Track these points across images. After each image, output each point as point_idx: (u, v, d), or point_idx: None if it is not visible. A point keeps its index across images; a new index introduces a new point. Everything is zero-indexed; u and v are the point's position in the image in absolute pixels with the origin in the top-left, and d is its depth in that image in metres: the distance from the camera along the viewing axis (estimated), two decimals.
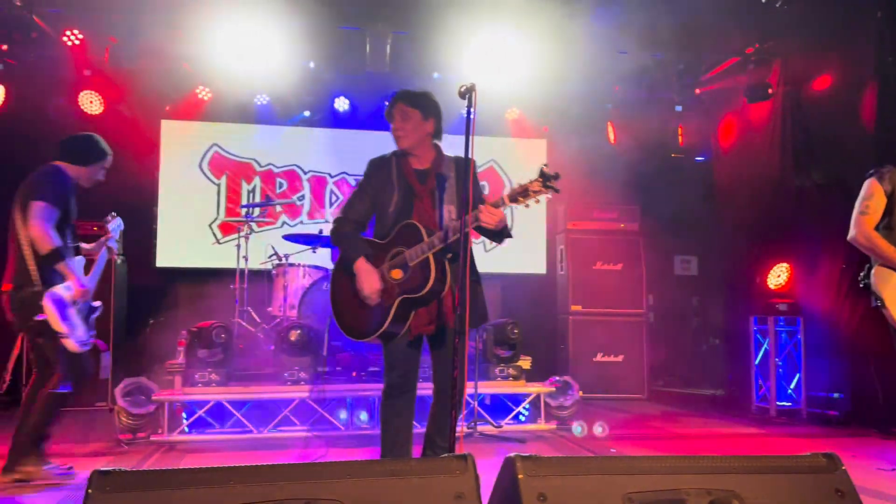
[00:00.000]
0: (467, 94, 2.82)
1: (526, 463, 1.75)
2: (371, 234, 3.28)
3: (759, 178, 6.66)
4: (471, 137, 2.79)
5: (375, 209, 3.26)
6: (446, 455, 1.79)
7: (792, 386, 6.14)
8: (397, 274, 3.06)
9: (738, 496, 1.80)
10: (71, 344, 3.54)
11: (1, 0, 5.85)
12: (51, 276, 3.53)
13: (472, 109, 2.80)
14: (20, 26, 6.09)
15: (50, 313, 3.46)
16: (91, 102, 6.78)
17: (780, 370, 6.15)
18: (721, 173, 7.44)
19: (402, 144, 3.34)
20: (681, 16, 5.95)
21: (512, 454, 1.80)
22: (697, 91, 7.43)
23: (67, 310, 3.56)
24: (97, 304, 3.87)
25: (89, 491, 1.50)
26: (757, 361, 6.28)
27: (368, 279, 3.03)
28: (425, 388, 3.32)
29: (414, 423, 3.27)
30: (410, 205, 3.20)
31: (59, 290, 3.54)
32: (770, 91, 6.61)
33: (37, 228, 3.46)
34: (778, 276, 6.26)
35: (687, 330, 7.51)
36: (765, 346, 6.24)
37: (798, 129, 6.45)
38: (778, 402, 6.12)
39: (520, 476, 1.72)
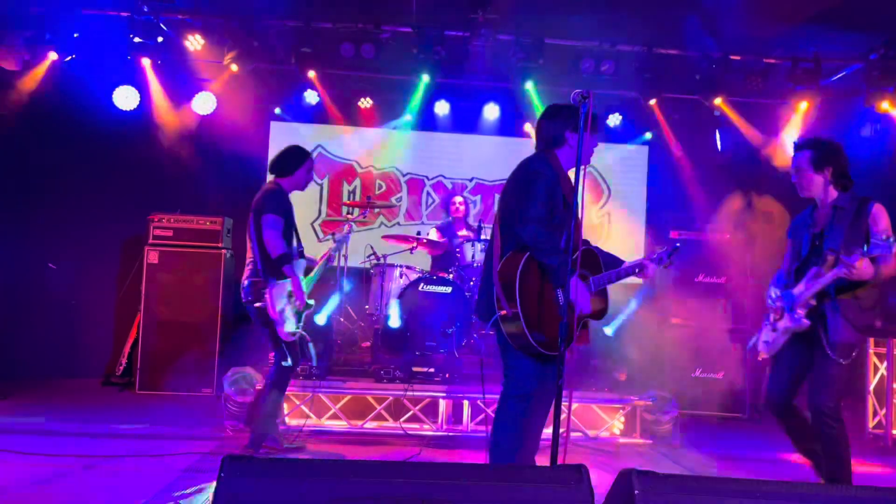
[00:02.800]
0: (583, 101, 2.79)
1: (642, 479, 1.71)
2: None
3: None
4: (583, 146, 2.75)
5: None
6: (561, 465, 1.77)
7: None
8: None
9: None
10: (282, 331, 4.25)
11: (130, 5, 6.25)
12: (275, 275, 4.25)
13: (586, 116, 2.77)
14: (146, 30, 6.48)
15: (268, 304, 4.21)
16: (206, 105, 7.14)
17: None
18: None
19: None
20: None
21: (627, 469, 1.76)
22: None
23: (282, 303, 4.24)
24: (311, 301, 4.47)
25: (222, 475, 1.58)
26: (872, 387, 5.90)
27: (587, 296, 3.19)
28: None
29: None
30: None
31: (280, 286, 4.25)
32: None
33: (268, 237, 4.22)
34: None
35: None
36: (881, 370, 5.85)
37: None
38: (894, 431, 5.73)
39: (636, 492, 1.69)
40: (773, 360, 3.76)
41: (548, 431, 2.92)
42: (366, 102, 7.59)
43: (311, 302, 4.47)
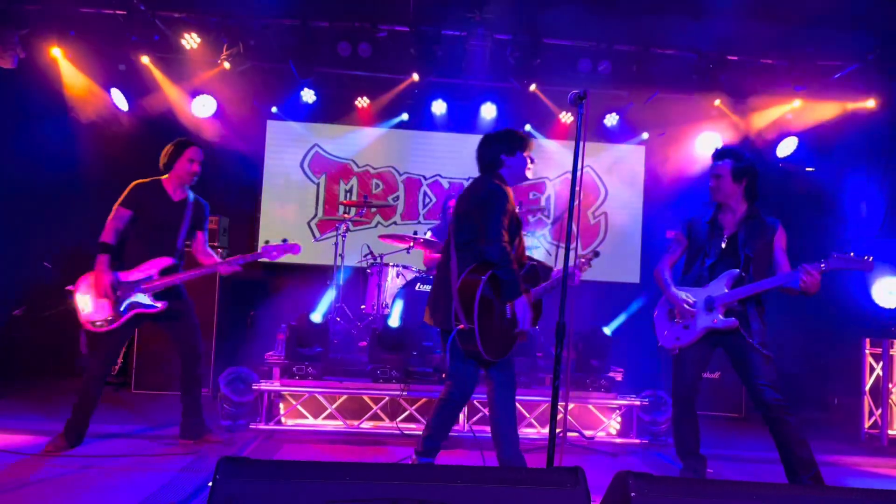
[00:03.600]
0: (578, 101, 2.79)
1: (638, 481, 1.71)
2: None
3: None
4: (581, 144, 2.75)
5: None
6: (557, 467, 1.77)
7: None
8: None
9: None
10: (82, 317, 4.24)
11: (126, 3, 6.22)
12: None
13: (582, 116, 2.77)
14: (142, 29, 6.46)
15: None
16: (203, 106, 7.12)
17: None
18: (831, 183, 7.06)
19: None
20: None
21: (623, 471, 1.76)
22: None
23: (82, 289, 4.23)
24: (141, 298, 4.32)
25: (217, 476, 1.58)
26: (868, 387, 5.91)
27: (529, 315, 3.43)
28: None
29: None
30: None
31: (91, 273, 4.26)
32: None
33: (106, 225, 4.28)
34: (893, 295, 5.89)
35: (791, 349, 7.14)
36: (877, 370, 5.87)
37: None
38: (890, 431, 5.74)
39: (632, 494, 1.68)
40: (679, 360, 3.87)
41: (544, 432, 2.93)
42: (362, 102, 7.59)
43: (142, 299, 4.22)
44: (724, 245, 3.79)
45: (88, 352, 4.36)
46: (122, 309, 4.17)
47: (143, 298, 4.21)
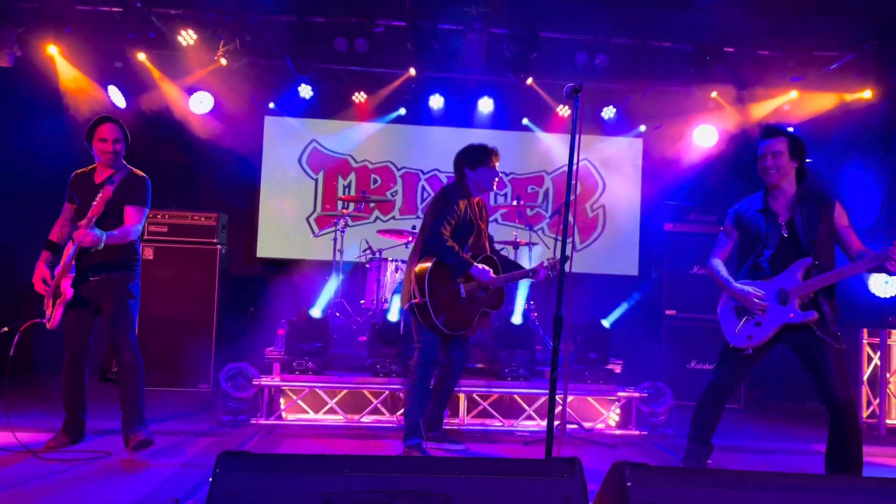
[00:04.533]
0: (574, 94, 2.80)
1: (635, 471, 1.72)
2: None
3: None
4: (577, 136, 2.76)
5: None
6: (554, 458, 1.79)
7: None
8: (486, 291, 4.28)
9: None
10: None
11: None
12: None
13: (578, 109, 2.77)
14: (139, 25, 6.44)
15: None
16: (201, 102, 7.12)
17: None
18: (827, 174, 7.07)
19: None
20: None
21: (620, 461, 1.78)
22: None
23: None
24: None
25: (217, 470, 1.59)
26: (866, 377, 5.94)
27: (488, 273, 4.13)
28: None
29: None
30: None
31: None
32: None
33: None
34: (889, 285, 5.91)
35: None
36: (875, 360, 5.89)
37: None
38: (888, 421, 5.78)
39: (628, 484, 1.70)
40: (725, 351, 3.68)
41: (544, 424, 2.94)
42: (360, 97, 7.58)
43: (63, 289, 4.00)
44: (785, 233, 3.53)
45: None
46: (53, 302, 3.99)
47: (63, 288, 3.95)
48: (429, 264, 4.08)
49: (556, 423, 4.85)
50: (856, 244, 3.50)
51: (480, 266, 4.14)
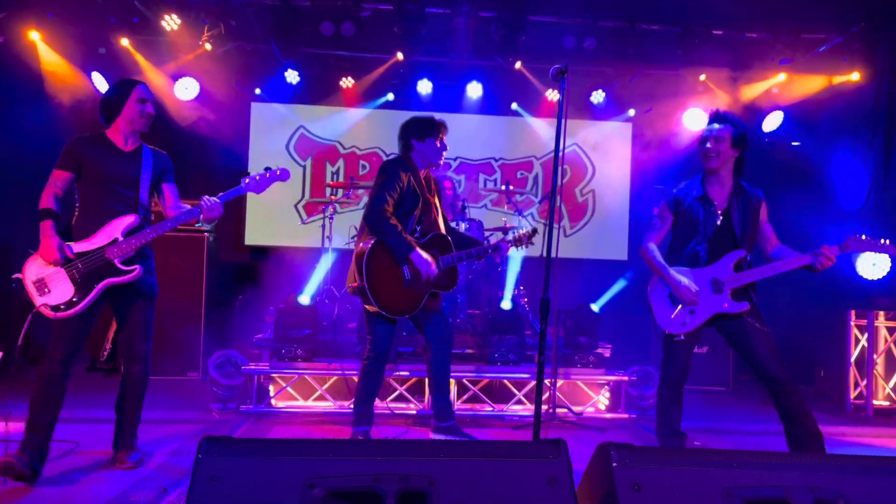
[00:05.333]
0: (560, 76, 2.77)
1: (621, 452, 1.72)
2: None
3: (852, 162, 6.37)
4: (564, 118, 2.74)
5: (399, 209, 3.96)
6: (539, 440, 1.78)
7: (891, 385, 5.83)
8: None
9: (843, 496, 1.72)
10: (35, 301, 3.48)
11: None
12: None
13: (564, 91, 2.75)
14: (121, 10, 6.36)
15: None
16: (186, 89, 7.04)
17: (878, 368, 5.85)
18: (816, 157, 7.09)
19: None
20: None
21: (605, 442, 1.78)
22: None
23: (32, 270, 3.53)
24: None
25: (199, 456, 1.58)
26: (854, 358, 5.98)
27: (429, 264, 3.85)
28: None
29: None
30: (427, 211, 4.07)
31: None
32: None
33: None
34: (876, 267, 5.94)
35: (777, 323, 7.19)
36: (862, 341, 5.93)
37: None
38: (875, 401, 5.83)
39: (614, 464, 1.70)
40: (672, 342, 3.71)
41: (533, 408, 2.94)
42: (347, 82, 7.53)
43: (110, 268, 3.42)
44: (719, 222, 3.62)
45: (51, 343, 3.41)
46: (86, 284, 3.35)
47: (110, 266, 3.39)
48: (369, 244, 3.82)
49: (545, 407, 4.88)
50: (773, 240, 3.70)
51: (424, 255, 3.84)
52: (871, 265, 5.99)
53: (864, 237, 3.41)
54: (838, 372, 6.11)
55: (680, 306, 3.64)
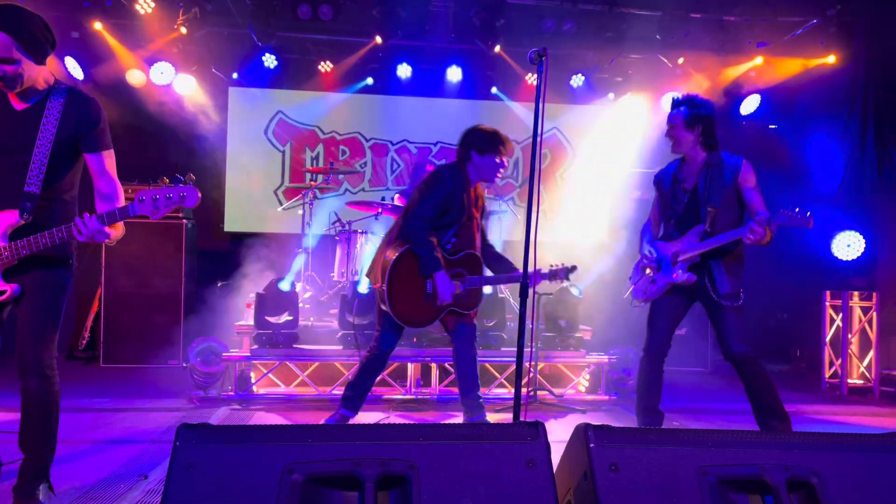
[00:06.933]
0: (538, 59, 2.77)
1: (598, 432, 1.74)
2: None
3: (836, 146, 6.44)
4: (542, 102, 2.73)
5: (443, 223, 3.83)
6: (518, 422, 1.80)
7: (865, 364, 5.94)
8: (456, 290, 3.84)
9: (817, 473, 1.76)
10: None
11: None
12: None
13: (543, 74, 2.75)
14: None
15: None
16: (162, 73, 6.94)
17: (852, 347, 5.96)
18: (793, 140, 7.16)
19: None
20: None
21: (583, 423, 1.79)
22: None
23: None
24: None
25: (177, 443, 1.57)
26: (828, 338, 6.08)
27: (449, 289, 3.73)
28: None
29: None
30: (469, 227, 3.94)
31: None
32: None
33: None
34: (851, 248, 6.03)
35: (754, 304, 7.28)
36: (837, 321, 6.03)
37: (881, 95, 6.16)
38: (849, 380, 5.94)
39: (591, 445, 1.72)
40: (652, 313, 3.84)
41: (513, 390, 2.96)
42: (326, 66, 7.46)
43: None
44: (686, 199, 3.73)
45: None
46: None
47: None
48: (400, 251, 3.73)
49: (526, 389, 4.92)
50: (754, 206, 3.61)
51: (446, 279, 3.72)
52: (846, 246, 6.07)
53: (795, 210, 3.38)
54: (814, 351, 6.22)
55: (643, 276, 3.88)
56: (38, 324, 2.67)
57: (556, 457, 1.80)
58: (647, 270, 3.85)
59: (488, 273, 4.04)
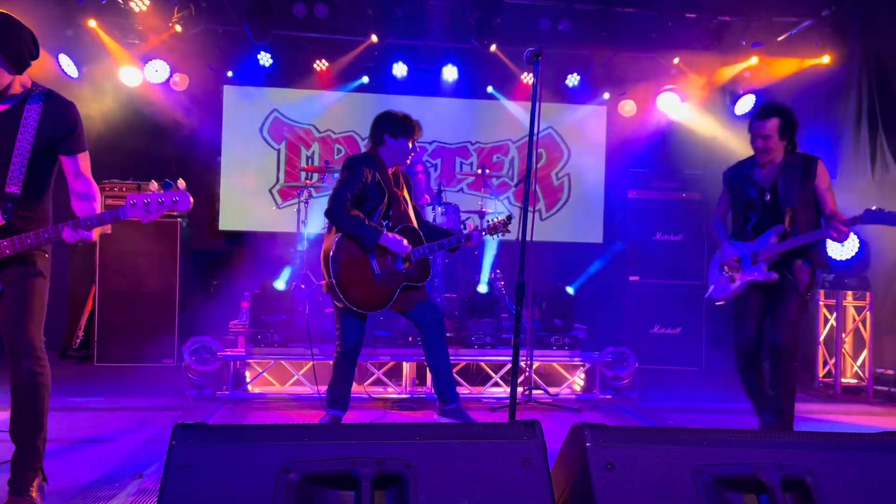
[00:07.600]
0: (534, 59, 2.77)
1: (594, 432, 1.75)
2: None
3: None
4: (538, 102, 2.74)
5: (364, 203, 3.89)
6: (514, 421, 1.80)
7: (858, 363, 5.96)
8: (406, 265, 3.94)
9: (811, 472, 1.77)
10: None
11: None
12: None
13: (539, 74, 2.75)
14: None
15: None
16: (156, 71, 6.91)
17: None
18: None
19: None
20: None
21: (579, 422, 1.80)
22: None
23: None
24: None
25: (173, 443, 1.57)
26: (822, 337, 6.10)
27: (401, 243, 3.81)
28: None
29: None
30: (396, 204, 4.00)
31: None
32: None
33: None
34: (844, 247, 6.05)
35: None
36: (831, 321, 6.05)
37: (875, 96, 6.19)
38: (843, 379, 5.96)
39: (587, 444, 1.72)
40: (737, 314, 3.88)
41: (509, 390, 2.96)
42: (321, 65, 7.44)
43: None
44: (764, 199, 3.77)
45: None
46: None
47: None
48: (335, 240, 3.78)
49: (521, 389, 4.92)
50: (828, 207, 3.67)
51: (392, 235, 3.82)
52: (840, 246, 6.09)
53: (876, 209, 3.44)
54: (807, 351, 6.23)
55: (724, 275, 3.90)
56: (24, 307, 2.67)
57: (551, 456, 1.81)
58: (725, 268, 3.88)
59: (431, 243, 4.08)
